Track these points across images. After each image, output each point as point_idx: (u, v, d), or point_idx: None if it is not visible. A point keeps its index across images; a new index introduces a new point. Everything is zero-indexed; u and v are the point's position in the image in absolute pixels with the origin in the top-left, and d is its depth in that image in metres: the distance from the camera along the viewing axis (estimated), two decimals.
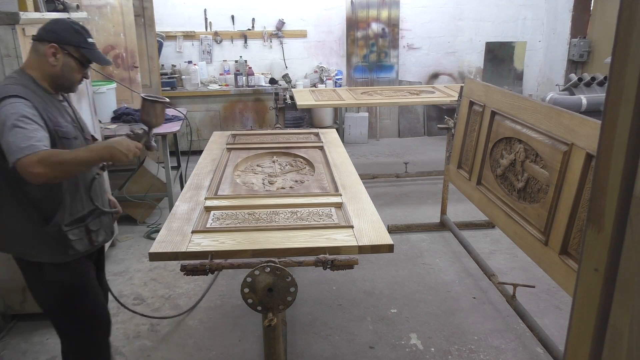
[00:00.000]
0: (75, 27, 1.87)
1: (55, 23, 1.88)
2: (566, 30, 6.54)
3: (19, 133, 1.63)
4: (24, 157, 1.59)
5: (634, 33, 0.58)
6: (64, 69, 1.85)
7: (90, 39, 1.89)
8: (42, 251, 1.83)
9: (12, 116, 1.65)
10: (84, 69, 1.90)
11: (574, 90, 4.72)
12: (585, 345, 0.69)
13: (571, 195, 2.01)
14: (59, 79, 1.87)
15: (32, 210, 1.81)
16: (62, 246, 1.87)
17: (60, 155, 1.66)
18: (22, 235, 1.83)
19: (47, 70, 1.84)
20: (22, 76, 1.83)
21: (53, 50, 1.82)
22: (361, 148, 6.48)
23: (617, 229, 0.63)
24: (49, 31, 1.84)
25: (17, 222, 1.82)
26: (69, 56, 1.85)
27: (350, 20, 6.54)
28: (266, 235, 1.83)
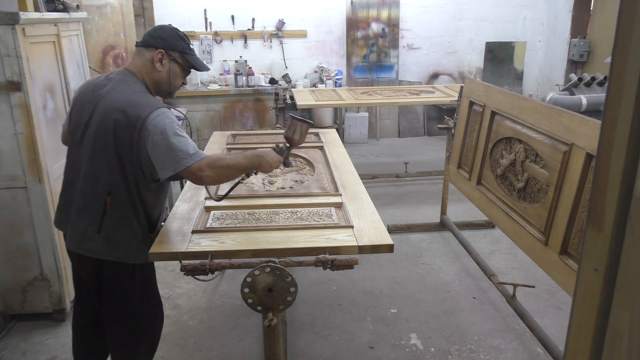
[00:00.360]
0: (179, 34, 1.94)
1: (162, 29, 1.93)
2: (566, 30, 6.53)
3: (181, 141, 1.74)
4: (195, 163, 1.72)
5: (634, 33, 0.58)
6: (169, 75, 1.91)
7: (192, 45, 1.98)
8: (141, 254, 1.85)
9: (171, 126, 1.74)
10: (186, 74, 1.97)
11: (574, 90, 4.72)
12: (585, 345, 0.69)
13: (571, 195, 2.01)
14: (163, 84, 1.92)
15: (143, 216, 1.87)
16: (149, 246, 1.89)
17: (224, 161, 1.82)
18: (129, 240, 1.85)
19: (153, 76, 1.90)
20: (138, 81, 1.88)
21: (160, 56, 1.88)
22: (361, 148, 6.48)
23: (617, 229, 0.63)
24: (156, 37, 1.89)
25: (127, 228, 1.85)
26: (174, 62, 1.91)
27: (350, 20, 6.54)
28: (266, 235, 1.83)
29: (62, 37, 2.94)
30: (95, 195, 1.82)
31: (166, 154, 1.73)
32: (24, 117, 2.53)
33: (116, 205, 1.82)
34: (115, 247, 1.85)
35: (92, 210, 1.83)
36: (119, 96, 1.81)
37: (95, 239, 1.84)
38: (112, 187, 1.80)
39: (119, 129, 1.76)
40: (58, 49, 2.90)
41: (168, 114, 1.78)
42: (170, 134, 1.73)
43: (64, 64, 2.96)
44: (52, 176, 2.73)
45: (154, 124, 1.73)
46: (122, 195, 1.81)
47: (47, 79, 2.77)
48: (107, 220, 1.82)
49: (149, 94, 1.87)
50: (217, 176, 1.78)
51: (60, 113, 2.92)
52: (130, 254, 1.87)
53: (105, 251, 1.85)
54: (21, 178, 2.61)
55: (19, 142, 2.56)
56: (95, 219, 1.83)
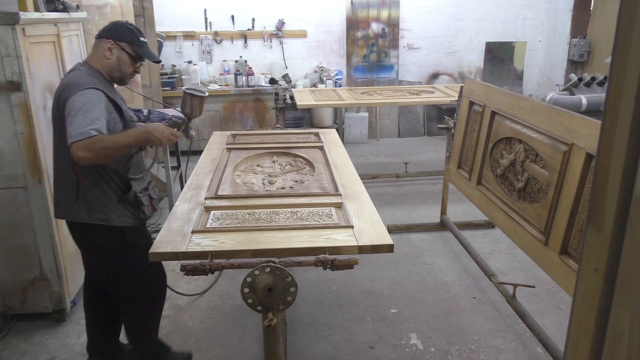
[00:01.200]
0: (129, 27, 2.15)
1: (114, 23, 2.17)
2: (566, 30, 6.54)
3: (80, 120, 1.86)
4: (75, 143, 1.83)
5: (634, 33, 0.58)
6: (118, 62, 2.12)
7: (142, 38, 2.16)
8: (119, 215, 2.11)
9: (82, 104, 1.90)
10: (135, 63, 2.17)
11: (574, 90, 4.72)
12: (585, 345, 0.69)
13: (571, 195, 2.01)
14: (113, 71, 2.13)
15: (110, 180, 2.09)
16: (136, 211, 2.17)
17: (102, 142, 1.87)
18: (104, 203, 2.08)
19: (104, 63, 2.11)
20: (89, 68, 2.10)
21: (109, 45, 2.10)
22: (361, 148, 6.48)
23: (617, 229, 0.63)
24: (107, 30, 2.14)
25: (99, 192, 2.08)
26: (123, 51, 2.12)
27: (350, 20, 6.54)
28: (266, 235, 1.83)
29: (62, 37, 2.94)
30: (66, 167, 2.06)
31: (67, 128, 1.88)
32: (24, 117, 2.53)
33: (84, 173, 2.04)
34: (94, 210, 2.08)
35: (67, 180, 2.08)
36: (64, 80, 2.07)
37: (76, 205, 2.08)
38: None
39: (61, 106, 1.98)
40: (58, 49, 2.90)
41: (89, 92, 1.94)
42: (77, 111, 1.87)
43: (64, 64, 2.96)
44: (52, 176, 2.73)
45: (73, 99, 1.91)
46: None
47: (47, 79, 2.77)
48: (81, 187, 2.06)
49: (90, 77, 2.03)
50: (95, 157, 1.88)
51: None
52: (110, 215, 2.10)
53: (86, 216, 2.08)
54: (21, 178, 2.61)
55: (19, 142, 2.56)
56: (71, 188, 2.07)
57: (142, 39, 2.17)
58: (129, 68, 2.17)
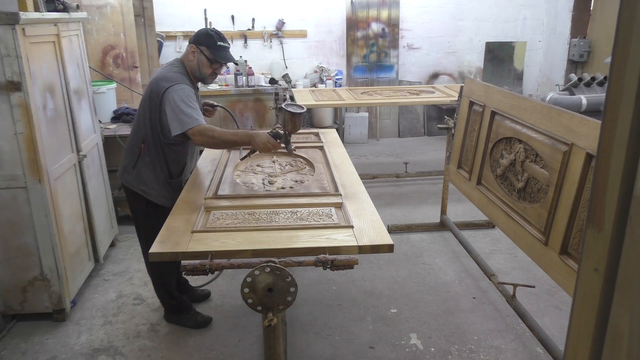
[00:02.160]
0: (209, 32, 2.46)
1: (200, 30, 2.49)
2: (566, 30, 6.53)
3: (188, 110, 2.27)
4: (193, 127, 2.25)
5: (634, 33, 0.58)
6: (198, 64, 2.46)
7: (220, 42, 2.45)
8: (159, 195, 2.53)
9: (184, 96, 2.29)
10: (212, 64, 2.46)
11: (574, 90, 4.72)
12: (585, 345, 0.69)
13: (571, 195, 2.01)
14: (195, 71, 2.48)
15: (164, 165, 2.51)
16: (174, 195, 2.40)
17: (214, 132, 2.27)
18: (151, 181, 2.50)
19: (189, 65, 2.48)
20: (181, 66, 2.48)
21: (192, 50, 2.46)
22: (361, 148, 6.48)
23: (617, 229, 0.63)
24: (193, 35, 2.48)
25: (151, 171, 2.49)
26: (201, 54, 2.44)
27: (350, 20, 6.54)
28: (266, 235, 1.83)
29: (62, 37, 2.94)
30: (136, 141, 2.50)
31: (175, 116, 2.27)
32: (24, 117, 2.53)
33: (147, 151, 2.46)
34: (141, 182, 2.51)
35: (133, 152, 2.51)
36: (158, 73, 2.47)
37: (131, 173, 2.52)
38: (145, 137, 2.45)
39: (152, 94, 2.38)
40: (58, 49, 2.91)
41: (185, 88, 2.33)
42: (181, 102, 2.27)
43: (64, 64, 2.96)
44: (52, 176, 2.73)
45: (173, 92, 2.29)
46: (150, 144, 2.45)
47: (47, 79, 2.77)
48: (140, 161, 2.49)
49: (180, 74, 2.41)
50: (204, 142, 2.32)
51: (60, 113, 2.92)
52: (151, 191, 2.51)
53: (135, 183, 2.53)
54: (21, 178, 2.61)
55: (19, 142, 2.56)
56: (133, 158, 2.50)
57: (220, 43, 2.44)
58: (207, 69, 2.47)
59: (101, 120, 3.94)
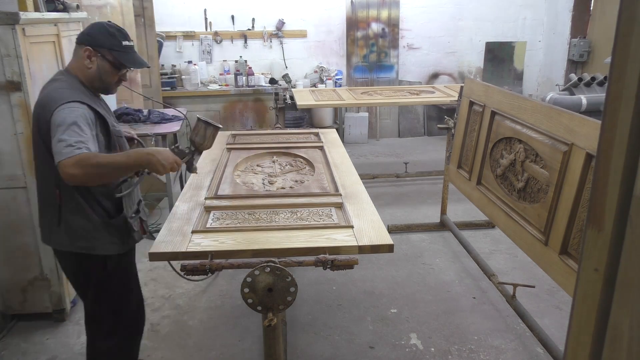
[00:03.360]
0: (109, 30, 1.89)
1: (92, 27, 1.92)
2: (566, 30, 6.53)
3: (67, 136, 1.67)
4: (64, 159, 1.63)
5: (634, 33, 0.58)
6: (99, 72, 1.90)
7: (125, 41, 1.91)
8: (104, 243, 1.92)
9: (68, 119, 1.71)
10: (118, 71, 1.93)
11: (574, 90, 4.72)
12: (585, 345, 0.69)
13: (571, 195, 2.01)
14: (95, 81, 1.92)
15: (96, 205, 1.90)
16: (124, 237, 1.96)
17: (97, 158, 1.68)
18: (87, 230, 1.89)
19: (84, 73, 1.90)
20: (69, 78, 1.90)
21: (88, 53, 1.87)
22: (361, 148, 6.48)
23: (617, 229, 0.63)
24: (85, 34, 1.90)
25: (81, 218, 1.88)
26: (103, 59, 1.88)
27: (350, 20, 6.54)
28: (266, 235, 1.83)
29: (62, 37, 2.94)
30: (47, 190, 1.90)
31: (53, 146, 1.69)
32: (24, 117, 2.53)
33: (66, 197, 1.86)
34: (77, 237, 1.89)
35: (49, 204, 1.91)
36: (43, 93, 1.87)
37: (57, 231, 1.91)
38: (57, 181, 1.79)
39: (41, 124, 1.80)
40: (58, 49, 2.90)
41: (74, 107, 1.75)
42: (64, 127, 1.68)
43: (64, 64, 2.96)
44: None
45: (57, 115, 1.72)
46: (68, 187, 1.82)
47: (47, 79, 2.76)
48: (63, 212, 1.88)
49: (69, 88, 1.84)
50: (85, 176, 1.66)
51: None
52: (94, 244, 1.90)
53: (67, 243, 1.90)
54: (21, 178, 2.61)
55: (19, 142, 2.56)
56: (53, 213, 1.89)
57: (126, 43, 1.92)
58: (112, 77, 1.93)
59: None
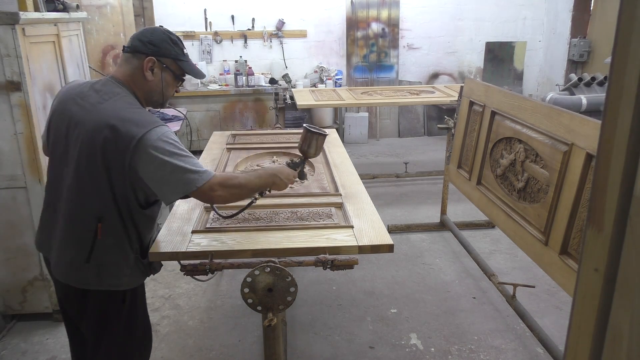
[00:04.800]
0: (172, 38, 1.73)
1: (153, 33, 1.71)
2: (566, 30, 6.53)
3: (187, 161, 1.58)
4: (206, 183, 1.58)
5: (634, 33, 0.58)
6: (161, 84, 1.72)
7: (185, 50, 1.78)
8: (131, 279, 1.73)
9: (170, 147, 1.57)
10: (179, 82, 1.79)
11: (574, 90, 4.72)
12: (585, 345, 0.69)
13: (571, 195, 2.01)
14: (155, 94, 1.73)
15: (136, 241, 1.71)
16: (147, 269, 1.78)
17: (237, 179, 1.69)
18: (121, 268, 1.69)
19: (143, 86, 1.71)
20: (128, 92, 1.69)
21: (151, 64, 1.68)
22: (361, 148, 6.48)
23: (617, 229, 0.63)
24: (146, 43, 1.68)
25: (119, 255, 1.68)
26: (167, 70, 1.71)
27: (350, 20, 6.54)
28: (266, 235, 1.83)
29: (62, 37, 2.94)
30: (84, 222, 1.63)
31: (172, 178, 1.56)
32: (24, 117, 2.53)
33: (108, 232, 1.64)
34: (107, 275, 1.68)
35: (81, 238, 1.65)
36: (109, 111, 1.59)
37: (84, 268, 1.66)
38: (102, 213, 1.62)
39: (109, 149, 1.56)
40: (58, 49, 2.90)
41: (168, 132, 1.60)
42: (173, 156, 1.56)
43: (64, 64, 2.96)
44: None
45: (154, 146, 1.54)
46: (114, 222, 1.62)
47: (47, 79, 2.77)
48: (97, 248, 1.65)
49: (142, 108, 1.69)
50: (229, 196, 1.67)
51: None
52: (122, 280, 1.71)
53: (96, 281, 1.68)
54: (21, 178, 2.61)
55: (19, 142, 2.56)
56: (84, 247, 1.64)
57: (186, 52, 1.78)
58: (173, 89, 1.78)
59: None
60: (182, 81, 1.81)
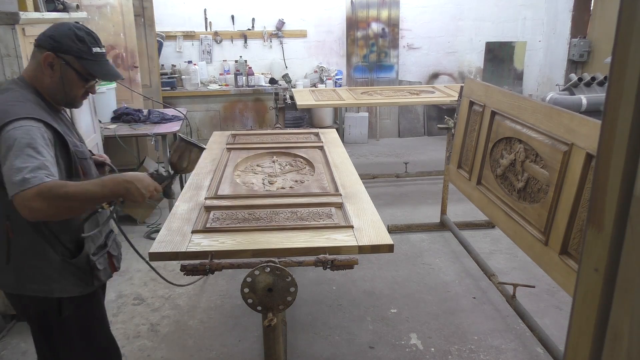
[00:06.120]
0: (78, 34, 1.58)
1: (56, 28, 1.60)
2: (566, 30, 6.53)
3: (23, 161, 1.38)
4: (23, 191, 1.35)
5: (634, 33, 0.58)
6: (62, 82, 1.59)
7: (96, 48, 1.61)
8: (64, 285, 1.61)
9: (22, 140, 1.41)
10: (86, 82, 1.63)
11: (574, 90, 4.72)
12: (585, 345, 0.69)
13: (571, 195, 2.01)
14: (57, 93, 1.61)
15: (56, 242, 1.59)
16: (87, 277, 1.67)
17: (65, 188, 1.40)
18: (43, 271, 1.59)
19: (43, 82, 1.60)
20: (24, 88, 1.59)
21: (49, 60, 1.56)
22: (361, 148, 6.48)
23: (617, 229, 0.63)
24: (47, 37, 1.57)
25: (37, 257, 1.58)
26: (68, 67, 1.57)
27: (350, 20, 6.54)
28: (266, 235, 1.83)
29: None
30: None
31: (7, 175, 1.39)
32: None
33: (18, 231, 1.54)
34: (30, 279, 1.57)
35: None
36: None
37: (5, 269, 1.57)
38: (7, 212, 1.50)
39: None
40: None
41: (29, 125, 1.44)
42: (16, 150, 1.39)
43: None
44: None
45: (7, 136, 1.42)
46: (21, 219, 1.44)
47: None
48: (13, 249, 1.55)
49: (24, 101, 1.53)
50: (51, 210, 1.39)
51: None
52: (51, 285, 1.59)
53: (19, 285, 1.59)
54: None
55: None
56: (1, 248, 1.56)
57: (97, 50, 1.61)
58: (78, 89, 1.62)
59: (101, 120, 3.94)
60: (92, 81, 1.65)
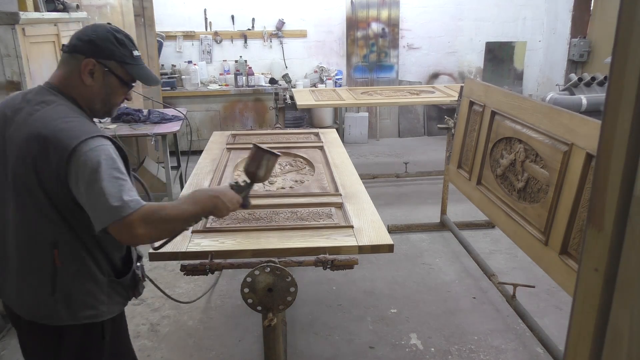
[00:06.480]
0: (118, 37, 1.46)
1: (95, 30, 1.46)
2: (566, 30, 6.54)
3: (113, 186, 1.29)
4: (125, 217, 1.28)
5: (634, 33, 0.58)
6: (104, 90, 1.46)
7: (136, 51, 1.50)
8: (110, 306, 1.51)
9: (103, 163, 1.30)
10: (128, 88, 1.51)
11: (574, 90, 4.72)
12: (585, 345, 0.69)
13: (571, 195, 2.01)
14: (96, 102, 1.48)
15: (104, 263, 1.48)
16: (129, 293, 1.58)
17: (164, 211, 1.35)
18: (95, 295, 1.47)
19: (81, 92, 1.45)
20: (65, 99, 1.43)
21: (90, 67, 1.42)
22: (361, 148, 6.48)
23: (617, 229, 0.63)
24: (85, 42, 1.43)
25: (87, 281, 1.45)
26: (110, 74, 1.45)
27: (350, 20, 6.54)
28: (266, 235, 1.83)
29: (62, 37, 2.94)
30: (37, 250, 1.41)
31: (96, 201, 1.29)
32: None
33: (68, 258, 1.41)
34: (82, 306, 1.45)
35: (38, 268, 1.42)
36: (38, 122, 1.35)
37: (51, 302, 1.42)
38: (56, 237, 1.39)
39: (41, 165, 1.33)
40: (58, 49, 2.91)
41: (104, 147, 1.34)
42: (103, 174, 1.29)
43: None
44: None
45: (83, 158, 1.29)
46: (72, 245, 1.40)
47: (47, 80, 2.76)
48: (60, 277, 1.42)
49: (81, 116, 1.42)
50: (156, 233, 1.36)
51: None
52: (101, 309, 1.49)
53: (69, 316, 1.45)
54: None
55: None
56: (45, 278, 1.42)
57: (136, 53, 1.51)
58: (119, 96, 1.51)
59: (101, 120, 3.94)
60: (132, 87, 1.54)
